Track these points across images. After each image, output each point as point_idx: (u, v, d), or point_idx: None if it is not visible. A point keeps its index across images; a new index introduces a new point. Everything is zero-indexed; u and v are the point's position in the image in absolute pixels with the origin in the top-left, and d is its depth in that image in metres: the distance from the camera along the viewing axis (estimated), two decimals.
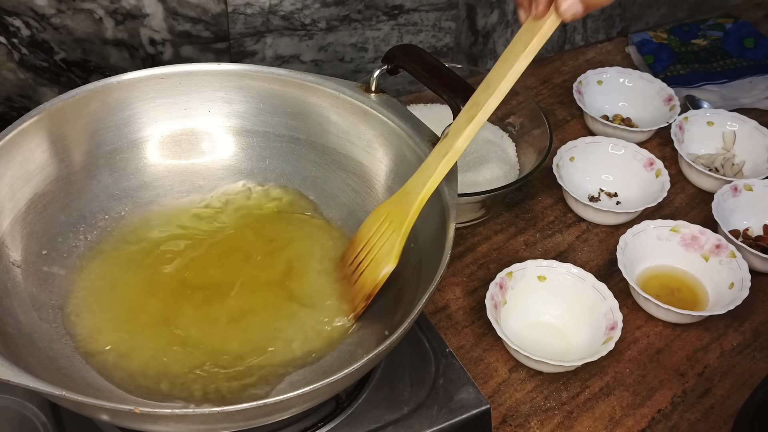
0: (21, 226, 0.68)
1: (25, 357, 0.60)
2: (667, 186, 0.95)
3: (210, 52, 0.96)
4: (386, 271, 0.66)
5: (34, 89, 0.90)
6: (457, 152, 0.63)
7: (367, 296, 0.67)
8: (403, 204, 0.67)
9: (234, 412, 0.51)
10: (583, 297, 0.81)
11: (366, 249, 0.68)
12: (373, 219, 0.69)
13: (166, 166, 0.79)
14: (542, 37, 0.57)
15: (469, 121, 0.61)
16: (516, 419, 0.74)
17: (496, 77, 0.59)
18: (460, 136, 0.62)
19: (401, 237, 0.66)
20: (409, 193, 0.67)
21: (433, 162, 0.65)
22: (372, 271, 0.67)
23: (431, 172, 0.65)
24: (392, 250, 0.66)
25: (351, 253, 0.70)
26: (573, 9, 0.53)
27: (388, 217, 0.68)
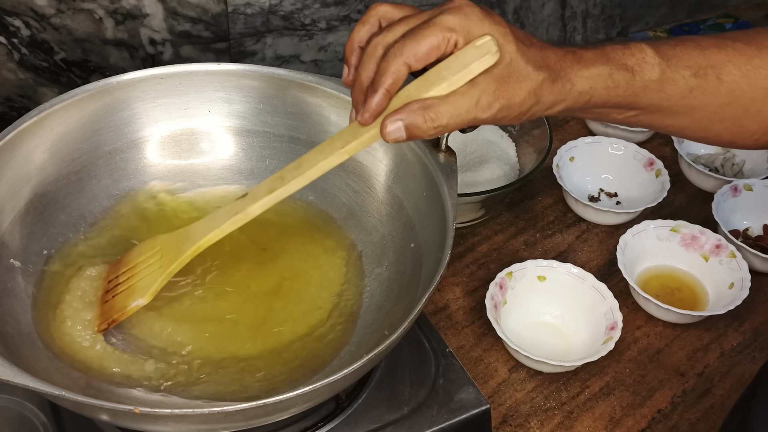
0: (21, 226, 0.68)
1: (25, 357, 0.60)
2: (667, 186, 0.95)
3: (210, 52, 0.96)
4: (137, 304, 0.65)
5: (34, 89, 0.90)
6: (248, 215, 0.63)
7: (111, 321, 0.65)
8: (179, 245, 0.66)
9: (234, 412, 0.51)
10: (583, 297, 0.81)
11: (129, 273, 0.67)
12: (147, 246, 0.68)
13: (166, 166, 0.79)
14: (361, 143, 0.57)
15: (270, 192, 0.61)
16: (516, 419, 0.74)
17: (308, 162, 0.60)
18: (257, 203, 0.62)
19: (164, 276, 0.65)
20: (190, 236, 0.66)
21: (223, 216, 0.64)
22: (125, 298, 0.65)
23: (216, 225, 0.64)
24: (151, 286, 0.65)
25: (114, 271, 0.68)
26: (396, 134, 0.53)
27: (161, 251, 0.67)
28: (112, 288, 0.67)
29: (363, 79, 0.55)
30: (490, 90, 0.52)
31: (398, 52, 0.52)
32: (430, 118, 0.52)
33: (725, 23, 1.29)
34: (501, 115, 0.53)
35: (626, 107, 0.57)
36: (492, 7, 1.12)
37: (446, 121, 0.52)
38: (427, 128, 0.52)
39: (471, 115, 0.52)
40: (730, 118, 0.58)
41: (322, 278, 0.72)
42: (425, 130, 0.53)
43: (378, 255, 0.74)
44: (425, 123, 0.52)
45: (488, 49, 0.52)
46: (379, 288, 0.71)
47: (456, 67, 0.52)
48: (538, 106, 0.54)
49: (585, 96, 0.55)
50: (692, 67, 0.56)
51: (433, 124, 0.52)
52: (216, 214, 0.65)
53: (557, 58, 0.54)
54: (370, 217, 0.76)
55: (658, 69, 0.56)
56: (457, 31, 0.52)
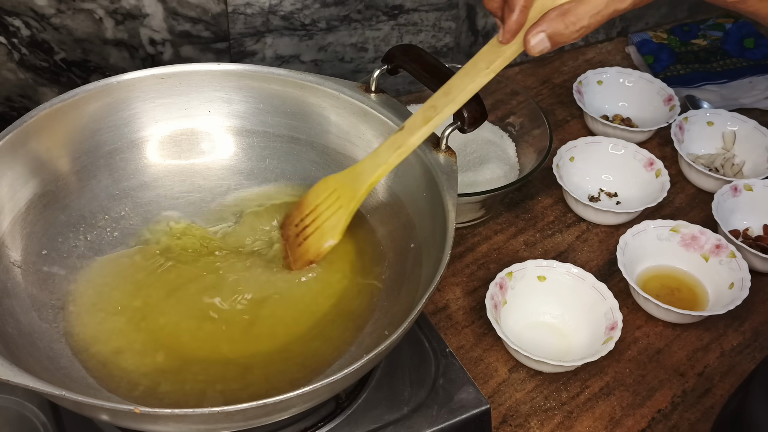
0: (21, 226, 0.68)
1: (25, 357, 0.60)
2: (667, 186, 0.95)
3: (210, 52, 0.96)
4: (330, 244, 0.69)
5: (34, 89, 0.90)
6: (409, 147, 0.65)
7: (308, 262, 0.70)
8: (353, 183, 0.68)
9: (234, 412, 0.51)
10: (583, 297, 0.81)
11: (312, 215, 0.70)
12: (322, 188, 0.71)
13: (166, 166, 0.79)
14: (505, 60, 0.58)
15: (426, 122, 0.63)
16: (516, 419, 0.74)
17: (457, 86, 0.61)
18: (415, 134, 0.64)
19: (348, 214, 0.68)
20: (360, 174, 0.68)
21: (386, 151, 0.66)
22: (317, 239, 0.69)
23: (383, 161, 0.66)
24: (338, 225, 0.68)
25: (297, 215, 0.71)
26: (541, 46, 0.54)
27: (337, 191, 0.69)
28: (301, 231, 0.70)
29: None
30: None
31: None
32: (571, 21, 0.53)
33: (725, 23, 1.30)
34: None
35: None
36: None
37: (587, 21, 0.53)
38: (569, 33, 0.53)
39: (611, 8, 0.52)
40: None
41: (321, 278, 0.72)
42: (568, 35, 0.53)
43: (378, 255, 0.74)
44: (567, 28, 0.53)
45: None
46: (379, 288, 0.71)
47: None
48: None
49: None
50: None
51: (575, 27, 0.53)
52: (378, 151, 0.67)
53: None
54: (370, 217, 0.76)
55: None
56: None
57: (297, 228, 0.71)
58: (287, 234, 0.72)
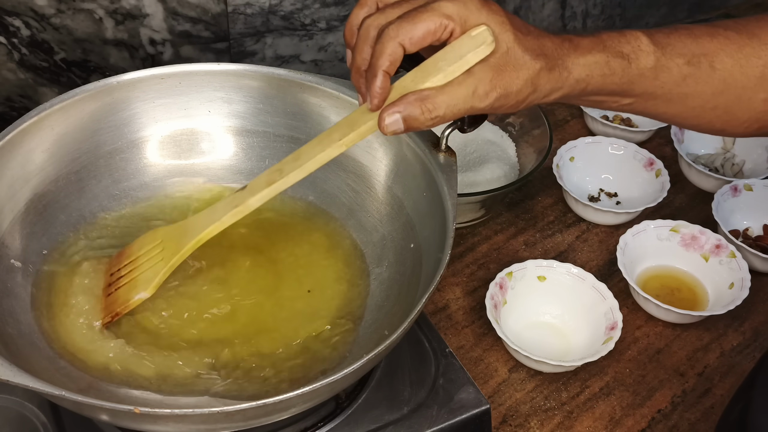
0: (21, 226, 0.68)
1: (25, 357, 0.60)
2: (667, 186, 0.95)
3: (210, 52, 0.96)
4: (140, 297, 0.65)
5: (34, 89, 0.90)
6: (248, 207, 0.63)
7: (114, 314, 0.65)
8: (180, 237, 0.66)
9: (234, 412, 0.51)
10: (583, 297, 0.81)
11: (131, 266, 0.67)
12: (148, 239, 0.69)
13: (166, 166, 0.79)
14: (358, 135, 0.57)
15: (269, 185, 0.61)
16: (516, 419, 0.74)
17: (307, 154, 0.60)
18: (256, 195, 0.62)
19: (166, 269, 0.66)
20: (189, 229, 0.66)
21: (223, 209, 0.64)
22: (127, 291, 0.66)
23: (217, 218, 0.64)
24: (153, 279, 0.65)
25: (116, 264, 0.69)
26: (394, 126, 0.53)
27: (162, 244, 0.67)
28: (114, 281, 0.67)
29: (359, 61, 0.55)
30: (487, 79, 0.52)
31: (393, 34, 0.52)
32: (428, 109, 0.52)
33: None
34: (498, 104, 0.53)
35: (621, 94, 0.58)
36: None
37: (443, 111, 0.52)
38: (424, 119, 0.52)
39: (468, 104, 0.52)
40: (722, 106, 0.59)
41: (321, 278, 0.72)
42: (423, 122, 0.53)
43: (378, 255, 0.74)
44: (423, 114, 0.52)
45: (484, 39, 0.52)
46: (379, 288, 0.71)
47: (451, 57, 0.52)
48: (535, 94, 0.54)
49: (582, 83, 0.55)
50: (686, 55, 0.57)
51: (431, 115, 0.52)
52: (215, 207, 0.65)
53: (554, 46, 0.54)
54: (370, 217, 0.76)
55: (653, 57, 0.56)
56: (454, 19, 0.52)
57: (112, 278, 0.67)
58: (104, 283, 0.68)
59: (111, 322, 0.65)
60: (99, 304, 0.67)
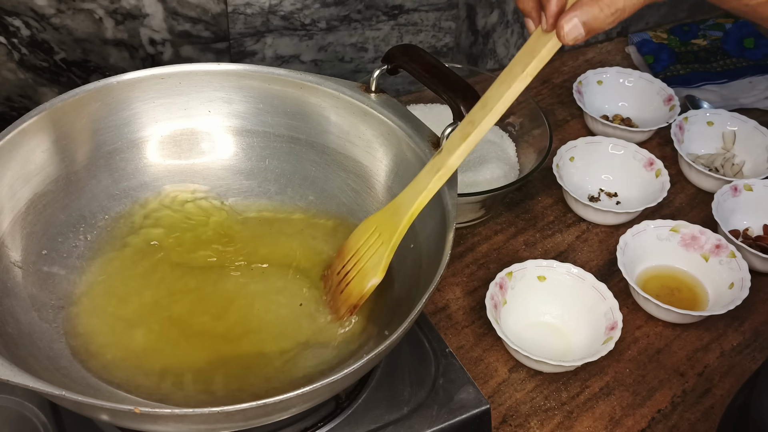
0: (21, 226, 0.68)
1: (25, 357, 0.60)
2: (667, 186, 0.95)
3: (210, 52, 0.96)
4: (372, 284, 0.66)
5: (34, 89, 0.90)
6: (450, 169, 0.63)
7: (352, 306, 0.67)
8: (393, 217, 0.66)
9: (234, 412, 0.51)
10: (583, 297, 0.81)
11: (354, 259, 0.68)
12: (363, 230, 0.69)
13: (166, 166, 0.79)
14: (540, 60, 0.56)
15: (464, 139, 0.61)
16: (516, 419, 0.74)
17: (493, 96, 0.59)
18: (454, 153, 0.62)
19: (389, 250, 0.66)
20: (400, 207, 0.66)
21: (426, 177, 0.65)
22: (359, 282, 0.67)
23: (423, 187, 0.65)
24: (380, 263, 0.66)
25: (339, 263, 0.69)
26: (575, 32, 0.52)
27: (378, 229, 0.67)
28: (342, 278, 0.68)
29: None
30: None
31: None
32: (606, 4, 0.50)
33: (725, 23, 1.30)
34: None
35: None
36: (492, 7, 1.12)
37: (623, 3, 0.50)
38: (604, 17, 0.51)
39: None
40: None
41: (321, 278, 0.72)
42: (603, 20, 0.51)
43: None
44: (602, 11, 0.51)
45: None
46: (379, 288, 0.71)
47: None
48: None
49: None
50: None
51: (611, 10, 0.51)
52: (418, 178, 0.65)
53: None
54: None
55: None
56: None
57: (339, 276, 0.69)
58: (329, 285, 0.70)
59: (351, 314, 0.67)
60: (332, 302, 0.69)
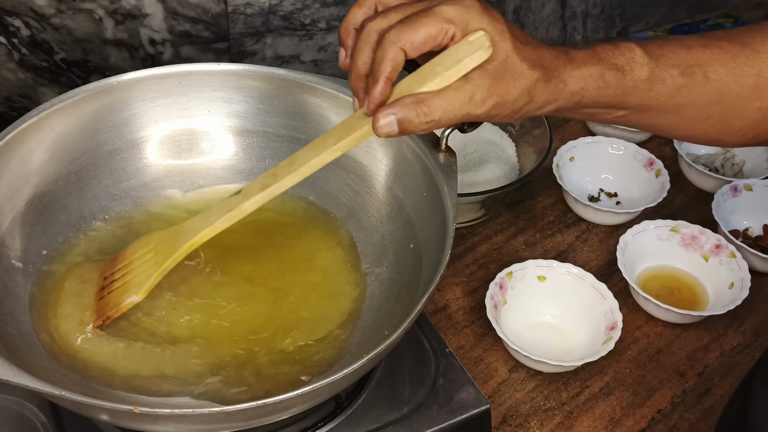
0: (21, 226, 0.68)
1: (25, 357, 0.60)
2: (667, 186, 0.95)
3: (210, 52, 0.96)
4: (131, 300, 0.65)
5: (34, 89, 0.90)
6: (241, 212, 0.63)
7: (105, 317, 0.65)
8: (173, 241, 0.66)
9: (234, 411, 0.51)
10: (583, 297, 0.81)
11: (124, 270, 0.67)
12: (142, 243, 0.69)
13: (166, 166, 0.79)
14: (354, 139, 0.57)
15: (263, 189, 0.61)
16: (516, 419, 0.74)
17: (301, 158, 0.60)
18: (249, 200, 0.62)
19: (159, 273, 0.65)
20: (183, 233, 0.66)
21: (216, 213, 0.64)
22: (119, 294, 0.66)
23: (210, 222, 0.64)
24: (145, 282, 0.65)
25: (109, 268, 0.69)
26: (388, 128, 0.52)
27: (156, 248, 0.67)
28: (107, 285, 0.67)
29: (359, 65, 0.54)
30: (485, 86, 0.51)
31: (394, 39, 0.51)
32: (423, 112, 0.52)
33: (725, 23, 1.29)
34: (494, 112, 0.53)
35: (616, 107, 0.58)
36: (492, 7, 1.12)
37: (439, 115, 0.52)
38: (419, 123, 0.52)
39: (464, 110, 0.52)
40: (716, 116, 0.59)
41: (321, 278, 0.72)
42: (417, 125, 0.52)
43: (378, 255, 0.74)
44: (418, 117, 0.52)
45: (481, 45, 0.51)
46: (379, 288, 0.71)
47: (449, 62, 0.52)
48: (531, 105, 0.54)
49: (576, 96, 0.55)
50: (680, 65, 0.57)
51: (426, 119, 0.52)
52: (209, 212, 0.65)
53: (551, 57, 0.54)
54: (370, 217, 0.76)
55: (647, 68, 0.56)
56: (455, 23, 0.52)
57: (105, 281, 0.67)
58: (98, 286, 0.68)
59: (102, 325, 0.65)
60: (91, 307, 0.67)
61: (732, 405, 0.65)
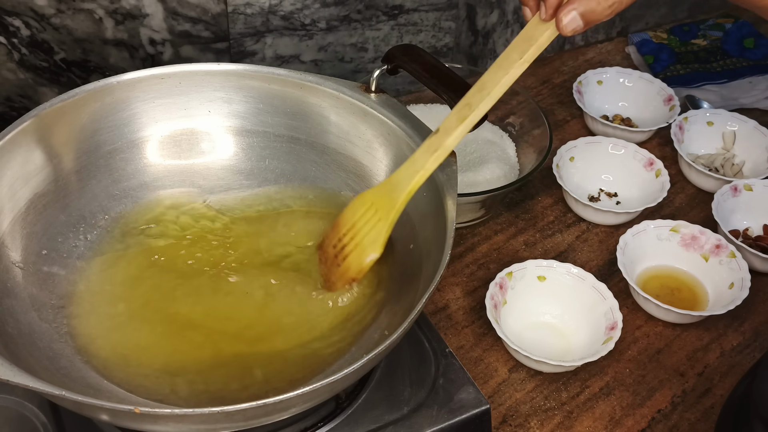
0: (21, 226, 0.68)
1: (25, 357, 0.60)
2: (667, 186, 0.95)
3: (210, 52, 0.96)
4: (371, 258, 0.66)
5: (34, 89, 0.90)
6: (446, 150, 0.63)
7: (350, 280, 0.68)
8: (390, 194, 0.66)
9: (234, 411, 0.51)
10: (583, 297, 0.81)
11: (351, 233, 0.68)
12: (358, 204, 0.69)
13: (166, 166, 0.79)
14: (538, 48, 0.57)
15: (461, 121, 0.61)
16: (516, 419, 0.74)
17: (491, 81, 0.60)
18: (451, 135, 0.62)
19: (387, 226, 0.66)
20: (397, 185, 0.66)
21: (422, 156, 0.65)
22: (357, 256, 0.67)
23: (420, 167, 0.64)
24: (378, 239, 0.66)
25: (334, 235, 0.69)
26: (573, 24, 0.54)
27: (374, 205, 0.67)
28: (339, 251, 0.68)
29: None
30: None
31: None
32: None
33: (725, 23, 1.30)
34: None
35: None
36: (492, 7, 1.12)
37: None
38: (602, 9, 0.53)
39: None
40: None
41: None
42: (600, 12, 0.53)
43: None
44: (599, 4, 0.53)
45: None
46: (379, 288, 0.71)
47: None
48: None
49: None
50: None
51: (608, 3, 0.53)
52: (414, 157, 0.65)
53: None
54: None
55: None
56: None
57: (335, 249, 0.69)
58: (325, 256, 0.70)
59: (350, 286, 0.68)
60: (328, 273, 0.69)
61: (738, 387, 0.65)
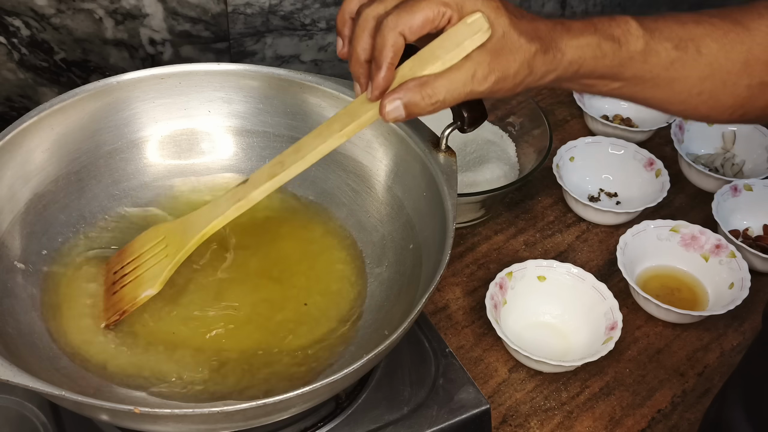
0: (21, 226, 0.68)
1: (25, 357, 0.60)
2: (667, 186, 0.95)
3: (210, 52, 0.96)
4: (147, 294, 0.65)
5: (34, 89, 0.90)
6: (250, 202, 0.63)
7: (121, 312, 0.65)
8: (183, 233, 0.66)
9: (234, 411, 0.51)
10: (582, 297, 0.81)
11: (135, 263, 0.67)
12: (151, 235, 0.68)
13: (166, 166, 0.79)
14: (359, 125, 0.57)
15: (271, 178, 0.61)
16: (516, 419, 0.74)
17: (308, 146, 0.60)
18: (258, 188, 0.62)
19: (173, 265, 0.65)
20: (193, 225, 0.66)
21: (225, 203, 0.64)
22: (133, 288, 0.66)
23: (219, 213, 0.64)
24: (159, 275, 0.65)
25: (117, 263, 0.68)
26: (396, 113, 0.53)
27: (166, 240, 0.67)
28: (118, 279, 0.67)
29: (359, 52, 0.55)
30: (485, 63, 0.52)
31: (393, 24, 0.52)
32: (428, 94, 0.53)
33: None
34: (497, 87, 0.53)
35: (612, 78, 0.58)
36: None
37: (443, 96, 0.53)
38: (425, 105, 0.53)
39: (468, 88, 0.53)
40: (707, 91, 0.59)
41: (321, 278, 0.72)
42: (423, 107, 0.53)
43: (378, 255, 0.74)
44: (423, 100, 0.53)
45: (480, 27, 0.52)
46: (379, 288, 0.71)
47: (449, 45, 0.52)
48: (531, 76, 0.55)
49: (574, 65, 0.56)
50: (673, 39, 0.57)
51: (431, 100, 0.53)
52: (218, 202, 0.65)
53: (547, 29, 0.55)
54: (370, 217, 0.76)
55: (642, 40, 0.57)
56: (451, 6, 0.52)
57: (115, 276, 0.67)
58: (105, 281, 0.68)
59: (118, 320, 0.65)
60: (102, 303, 0.67)
61: (709, 411, 0.66)
